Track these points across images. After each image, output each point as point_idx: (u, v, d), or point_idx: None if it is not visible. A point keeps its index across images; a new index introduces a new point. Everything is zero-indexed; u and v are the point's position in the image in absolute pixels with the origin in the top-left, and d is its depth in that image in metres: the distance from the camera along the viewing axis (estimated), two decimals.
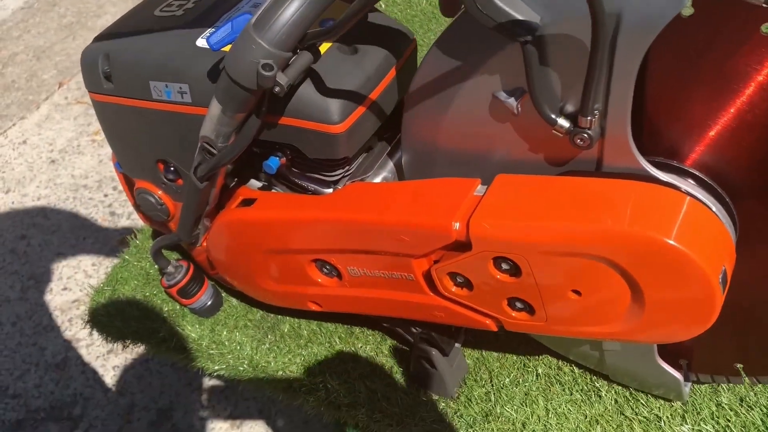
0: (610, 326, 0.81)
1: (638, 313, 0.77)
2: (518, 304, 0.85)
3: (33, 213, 2.50)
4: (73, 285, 2.27)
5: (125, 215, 2.44)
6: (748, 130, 0.73)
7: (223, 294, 1.27)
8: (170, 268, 1.16)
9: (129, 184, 1.29)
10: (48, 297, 2.24)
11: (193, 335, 1.20)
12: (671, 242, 0.70)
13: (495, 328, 0.91)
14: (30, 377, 2.05)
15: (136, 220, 2.44)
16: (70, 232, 2.41)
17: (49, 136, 2.78)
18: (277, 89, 0.78)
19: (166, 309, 1.25)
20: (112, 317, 1.25)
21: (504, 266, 0.81)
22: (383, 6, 1.94)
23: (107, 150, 2.70)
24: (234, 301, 1.26)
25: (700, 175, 0.77)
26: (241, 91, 0.80)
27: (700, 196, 0.77)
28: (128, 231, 2.40)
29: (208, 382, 1.98)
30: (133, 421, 1.93)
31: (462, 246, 0.83)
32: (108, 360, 2.08)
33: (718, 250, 0.73)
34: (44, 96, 2.97)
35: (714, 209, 0.77)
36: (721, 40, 0.69)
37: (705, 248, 0.71)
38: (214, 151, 0.89)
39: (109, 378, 2.03)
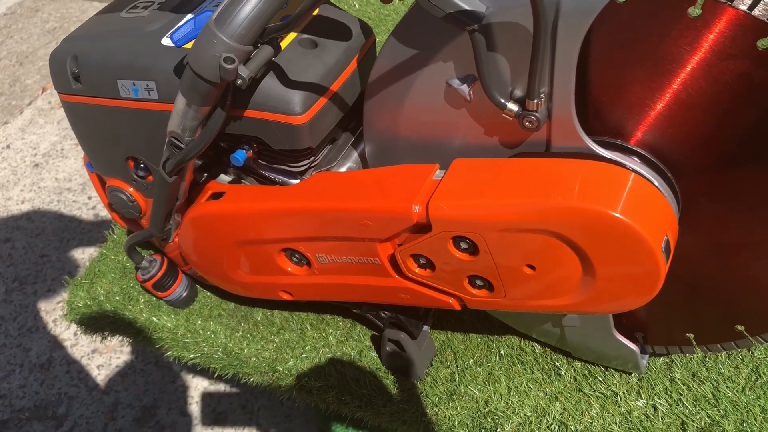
0: (565, 299, 0.85)
1: (590, 285, 0.81)
2: (478, 282, 0.89)
3: (17, 216, 2.52)
4: (58, 286, 2.29)
5: (108, 218, 2.47)
6: (684, 109, 0.77)
7: (198, 285, 1.30)
8: (144, 263, 1.19)
9: (102, 184, 1.32)
10: (32, 299, 2.27)
11: (168, 325, 1.23)
12: (617, 215, 0.74)
13: (458, 307, 0.94)
14: (15, 378, 2.07)
15: (113, 229, 2.47)
16: (54, 235, 2.44)
17: (33, 141, 2.80)
18: (239, 82, 0.82)
19: (142, 300, 1.27)
20: (91, 309, 1.27)
21: (462, 245, 0.85)
22: (357, 6, 1.98)
23: None
24: (208, 291, 1.29)
25: (644, 153, 0.81)
26: (205, 85, 0.83)
27: (643, 172, 0.81)
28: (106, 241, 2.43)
29: (192, 380, 2.01)
30: (117, 419, 1.96)
31: (423, 228, 0.86)
32: (92, 359, 2.10)
33: (661, 222, 0.77)
34: (27, 101, 3.00)
35: (656, 184, 0.81)
36: (654, 24, 0.73)
37: (648, 220, 0.75)
38: (182, 145, 0.92)
39: (94, 377, 2.06)
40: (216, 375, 1.22)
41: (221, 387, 1.99)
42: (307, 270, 1.03)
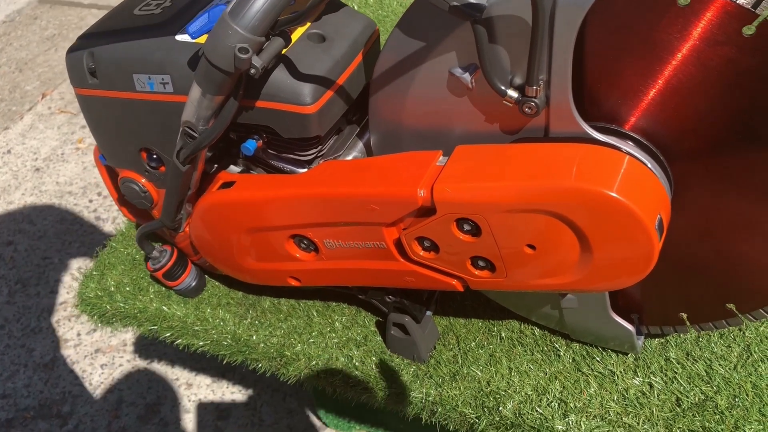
0: (564, 277, 0.89)
1: (587, 263, 0.85)
2: (480, 263, 0.93)
3: (19, 219, 2.55)
4: (60, 288, 2.32)
5: (110, 220, 2.50)
6: (675, 95, 0.82)
7: (206, 275, 1.34)
8: (155, 253, 1.23)
9: (112, 177, 1.36)
10: (35, 300, 2.29)
11: (178, 314, 1.26)
12: (613, 194, 0.78)
13: (461, 289, 0.98)
14: (19, 378, 2.09)
15: (121, 224, 2.50)
16: (56, 237, 2.47)
17: (34, 145, 2.84)
18: (252, 71, 0.86)
19: (152, 290, 1.31)
20: (101, 299, 1.31)
21: (466, 227, 0.89)
22: (355, 8, 2.03)
23: (91, 157, 2.76)
24: (216, 281, 1.33)
25: (638, 137, 0.86)
26: (220, 74, 0.87)
27: (637, 155, 0.85)
28: (113, 235, 2.46)
29: (195, 378, 2.04)
30: (121, 416, 1.98)
31: (427, 212, 0.91)
32: (96, 359, 2.13)
33: (654, 201, 0.81)
34: (27, 107, 3.03)
35: (650, 166, 0.85)
36: (646, 12, 0.78)
37: (642, 199, 0.79)
38: (195, 135, 0.96)
39: (97, 376, 2.08)
40: (224, 362, 1.26)
41: (224, 384, 2.02)
42: (314, 256, 1.07)
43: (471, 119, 0.92)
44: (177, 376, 2.06)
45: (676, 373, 1.07)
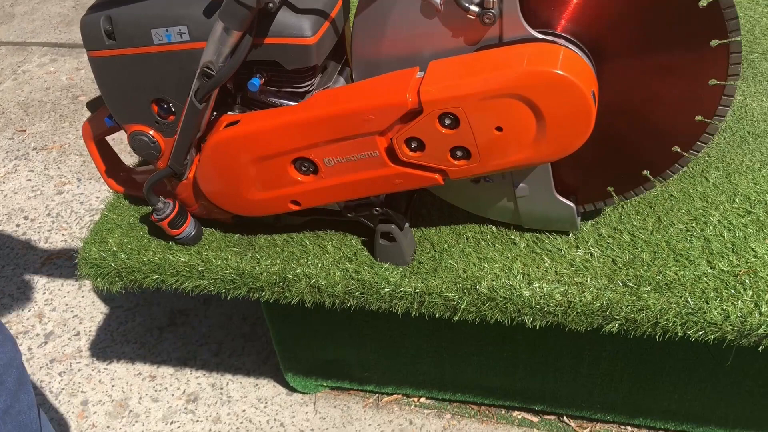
0: (525, 152, 1.14)
1: (543, 134, 1.12)
2: (459, 153, 1.17)
3: None
4: (1, 308, 2.35)
5: (42, 240, 2.55)
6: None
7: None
8: (160, 204, 1.38)
9: (101, 152, 1.50)
10: None
11: (182, 259, 1.41)
12: (558, 71, 1.05)
13: (442, 182, 1.21)
14: None
15: (54, 243, 2.56)
16: None
17: None
18: (270, 5, 1.08)
19: (153, 244, 1.45)
20: (105, 260, 1.43)
21: (446, 121, 1.13)
22: None
23: (11, 185, 2.79)
24: (212, 229, 1.49)
25: (568, 37, 1.14)
26: (243, 10, 1.08)
27: (570, 47, 1.14)
28: (49, 253, 2.51)
29: (158, 370, 2.14)
30: (89, 416, 2.04)
31: (413, 116, 1.14)
32: (52, 368, 2.17)
33: (587, 78, 1.09)
34: None
35: (580, 55, 1.13)
36: None
37: (578, 75, 1.07)
38: (213, 73, 1.16)
39: (57, 383, 2.13)
40: (229, 297, 1.42)
41: (187, 371, 2.13)
42: (314, 177, 1.27)
43: (440, 38, 1.17)
44: (139, 371, 2.14)
45: (609, 243, 1.35)
